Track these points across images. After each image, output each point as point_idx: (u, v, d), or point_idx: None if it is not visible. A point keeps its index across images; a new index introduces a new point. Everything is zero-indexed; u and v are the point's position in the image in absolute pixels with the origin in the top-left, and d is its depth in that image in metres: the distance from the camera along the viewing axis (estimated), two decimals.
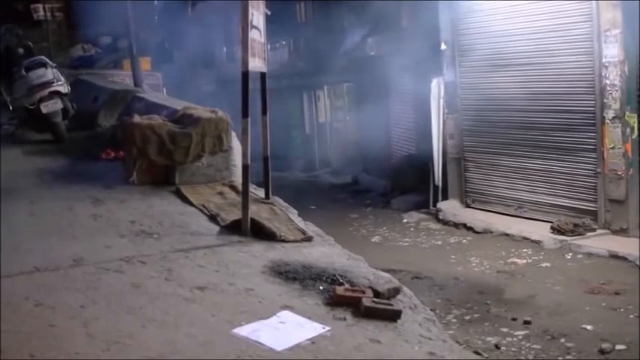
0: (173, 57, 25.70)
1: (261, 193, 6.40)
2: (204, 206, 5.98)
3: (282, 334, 3.41)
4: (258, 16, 5.49)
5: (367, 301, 3.81)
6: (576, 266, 8.46)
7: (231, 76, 13.03)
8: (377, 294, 3.99)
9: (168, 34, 25.19)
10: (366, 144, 15.81)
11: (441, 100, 12.36)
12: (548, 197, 10.55)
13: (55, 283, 4.00)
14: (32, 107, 10.11)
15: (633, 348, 5.80)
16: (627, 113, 9.21)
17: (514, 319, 6.70)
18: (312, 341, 3.36)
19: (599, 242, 9.05)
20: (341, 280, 4.18)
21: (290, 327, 3.50)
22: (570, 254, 8.92)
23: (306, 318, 3.62)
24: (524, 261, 8.87)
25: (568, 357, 5.83)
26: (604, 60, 9.28)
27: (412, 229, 11.38)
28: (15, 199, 6.31)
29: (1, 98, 12.47)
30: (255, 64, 5.44)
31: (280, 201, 6.38)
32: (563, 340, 6.12)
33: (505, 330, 6.48)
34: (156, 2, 25.62)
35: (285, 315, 3.65)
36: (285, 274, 4.33)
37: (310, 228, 5.61)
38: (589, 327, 6.37)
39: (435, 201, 12.35)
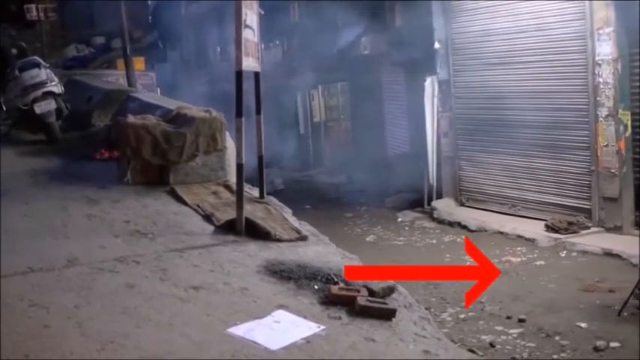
0: (167, 57, 25.70)
1: (255, 192, 6.40)
2: (198, 206, 5.97)
3: (277, 333, 3.41)
4: (251, 15, 5.49)
5: (362, 300, 3.81)
6: (570, 264, 8.48)
7: (225, 76, 13.04)
8: (372, 293, 3.99)
9: (162, 33, 25.17)
10: (361, 143, 15.81)
11: (435, 99, 12.36)
12: (542, 195, 10.58)
13: (49, 283, 3.99)
14: (26, 108, 10.07)
15: (627, 345, 5.82)
16: (620, 111, 9.24)
17: (509, 318, 6.72)
18: (307, 340, 3.36)
19: (593, 240, 9.07)
20: (336, 279, 4.18)
21: (285, 326, 3.50)
22: (564, 252, 8.94)
23: (301, 317, 3.62)
24: (519, 259, 8.89)
25: (563, 355, 5.85)
26: (597, 58, 9.31)
27: (407, 228, 11.40)
28: (9, 199, 6.28)
29: None
30: (249, 64, 5.44)
31: (275, 200, 6.38)
32: (557, 337, 6.14)
33: (500, 328, 6.49)
34: (149, 2, 25.59)
35: (280, 314, 3.65)
36: (280, 273, 4.32)
37: (305, 227, 5.60)
38: (583, 325, 6.39)
39: (430, 200, 12.36)
